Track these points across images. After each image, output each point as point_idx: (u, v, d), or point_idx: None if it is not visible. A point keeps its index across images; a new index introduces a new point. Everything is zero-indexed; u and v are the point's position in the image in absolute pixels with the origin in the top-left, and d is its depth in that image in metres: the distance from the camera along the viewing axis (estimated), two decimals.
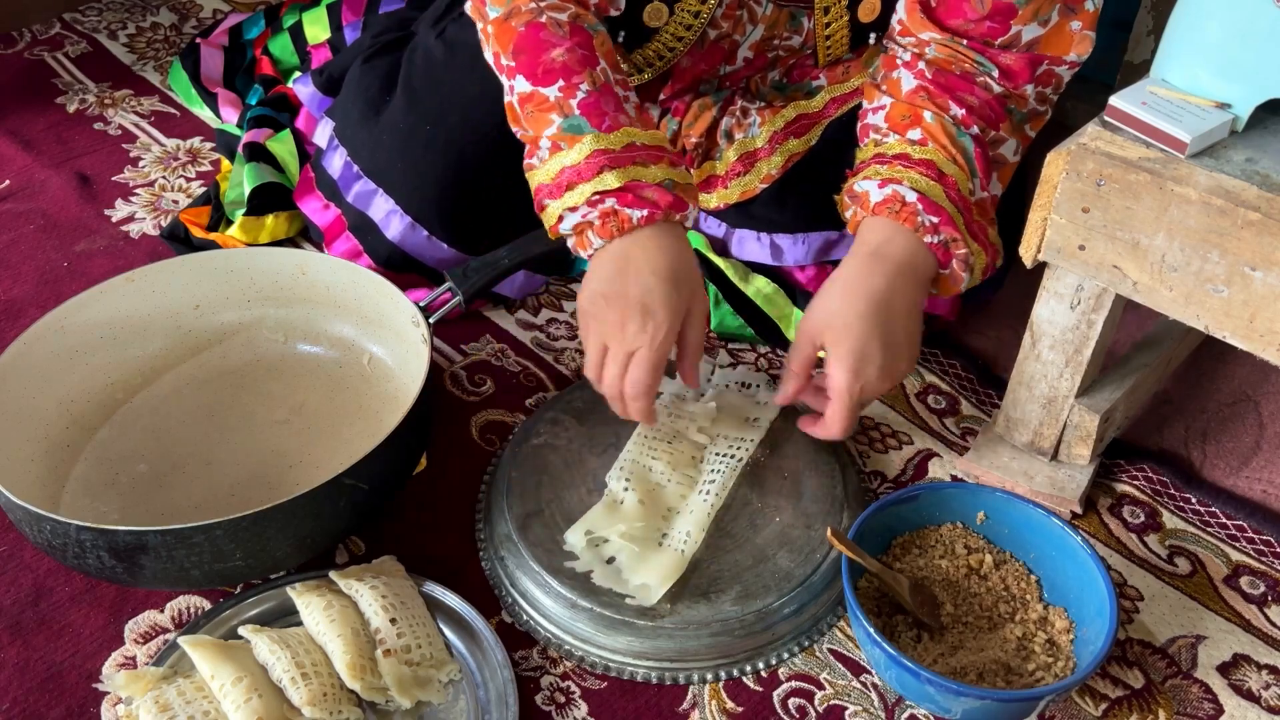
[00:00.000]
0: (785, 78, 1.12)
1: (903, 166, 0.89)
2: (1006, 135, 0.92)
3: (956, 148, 0.89)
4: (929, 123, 0.90)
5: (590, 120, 0.86)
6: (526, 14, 0.90)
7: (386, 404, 1.01)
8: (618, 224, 0.84)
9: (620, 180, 0.85)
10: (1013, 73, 0.91)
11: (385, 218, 1.12)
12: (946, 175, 0.88)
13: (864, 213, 0.89)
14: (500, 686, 0.80)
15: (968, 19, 0.91)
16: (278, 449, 0.97)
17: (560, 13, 0.91)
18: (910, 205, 0.86)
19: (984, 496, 0.87)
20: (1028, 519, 0.86)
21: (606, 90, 0.88)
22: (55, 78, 1.53)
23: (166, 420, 1.00)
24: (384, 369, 1.04)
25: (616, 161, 0.85)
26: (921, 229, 0.86)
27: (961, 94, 0.91)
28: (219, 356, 1.05)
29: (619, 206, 0.85)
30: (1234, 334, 0.77)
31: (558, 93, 0.88)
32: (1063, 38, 0.91)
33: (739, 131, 1.10)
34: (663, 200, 0.85)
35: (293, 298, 1.05)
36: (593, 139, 0.86)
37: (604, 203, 0.85)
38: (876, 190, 0.89)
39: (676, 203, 0.86)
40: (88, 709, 0.81)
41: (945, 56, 0.92)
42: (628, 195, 0.85)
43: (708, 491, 0.90)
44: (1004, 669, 0.79)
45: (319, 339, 1.06)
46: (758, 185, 1.08)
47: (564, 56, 0.88)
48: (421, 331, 0.95)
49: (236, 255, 1.06)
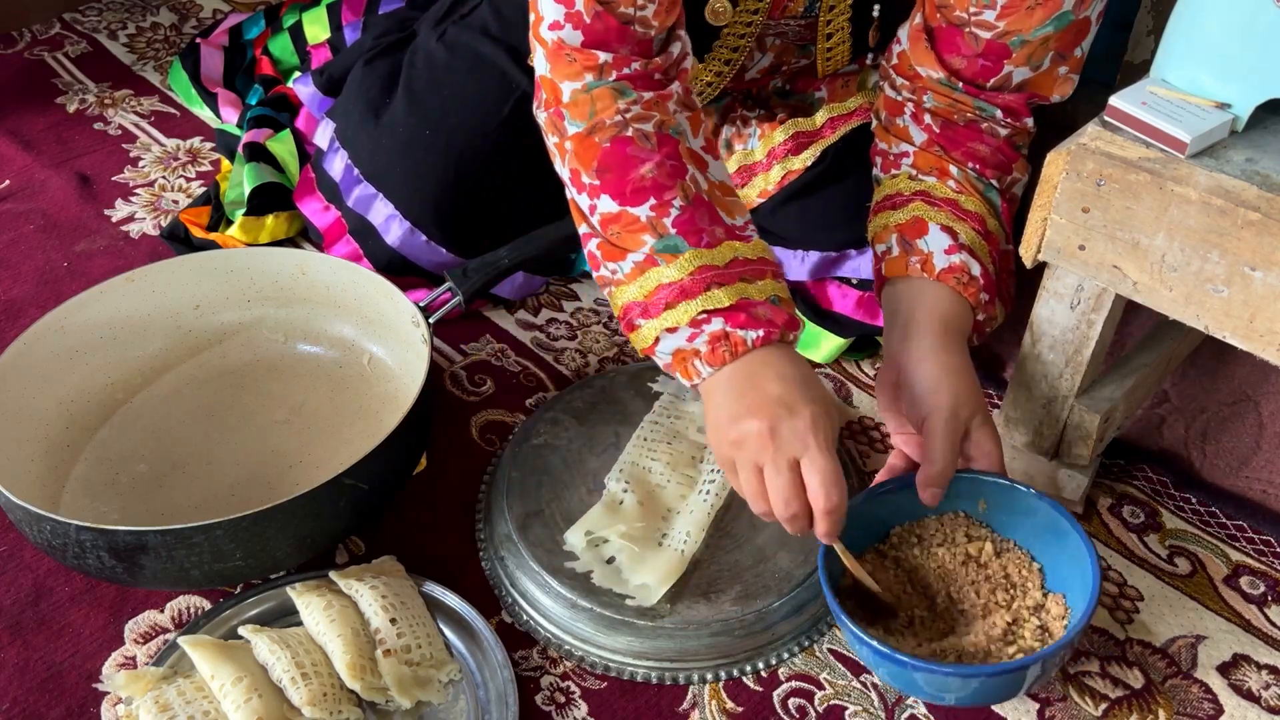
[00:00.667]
0: (789, 84, 1.13)
1: (952, 214, 0.88)
2: (1020, 175, 0.93)
3: (988, 203, 0.89)
4: (957, 176, 0.90)
5: (688, 239, 0.78)
6: (611, 128, 0.82)
7: (386, 404, 1.01)
8: (730, 348, 0.76)
9: (730, 298, 0.77)
10: (1014, 110, 0.91)
11: (385, 222, 1.12)
12: (991, 233, 0.88)
13: (924, 273, 0.86)
14: (500, 686, 0.80)
15: (962, 54, 0.90)
16: (278, 449, 0.97)
17: (645, 123, 0.82)
18: (976, 281, 0.85)
19: (984, 484, 0.86)
20: (1028, 506, 0.84)
21: (699, 203, 0.80)
22: (55, 78, 1.53)
23: (166, 420, 1.00)
24: (384, 369, 1.04)
25: (723, 279, 0.77)
26: (979, 306, 0.86)
27: (972, 145, 0.90)
28: (219, 356, 1.05)
29: (730, 328, 0.76)
30: (1234, 334, 0.77)
31: (649, 212, 0.79)
32: (1050, 79, 0.90)
33: (739, 142, 1.11)
34: (778, 318, 0.77)
35: (293, 298, 1.05)
36: (693, 255, 0.78)
37: (710, 323, 0.76)
38: (943, 256, 0.86)
39: (790, 321, 0.78)
40: (88, 709, 0.81)
41: (945, 106, 0.91)
42: (739, 315, 0.76)
43: (707, 491, 0.90)
44: (984, 654, 0.78)
45: (319, 339, 1.06)
46: (754, 199, 1.08)
47: (653, 172, 0.80)
48: (421, 332, 0.95)
49: (236, 255, 1.06)
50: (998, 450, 0.82)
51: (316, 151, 1.22)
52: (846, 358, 1.11)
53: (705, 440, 0.95)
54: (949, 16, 0.89)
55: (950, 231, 0.87)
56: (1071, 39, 0.87)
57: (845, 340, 1.08)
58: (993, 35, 0.87)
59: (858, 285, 1.07)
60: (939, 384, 0.81)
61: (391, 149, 1.11)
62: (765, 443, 0.73)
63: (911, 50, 0.93)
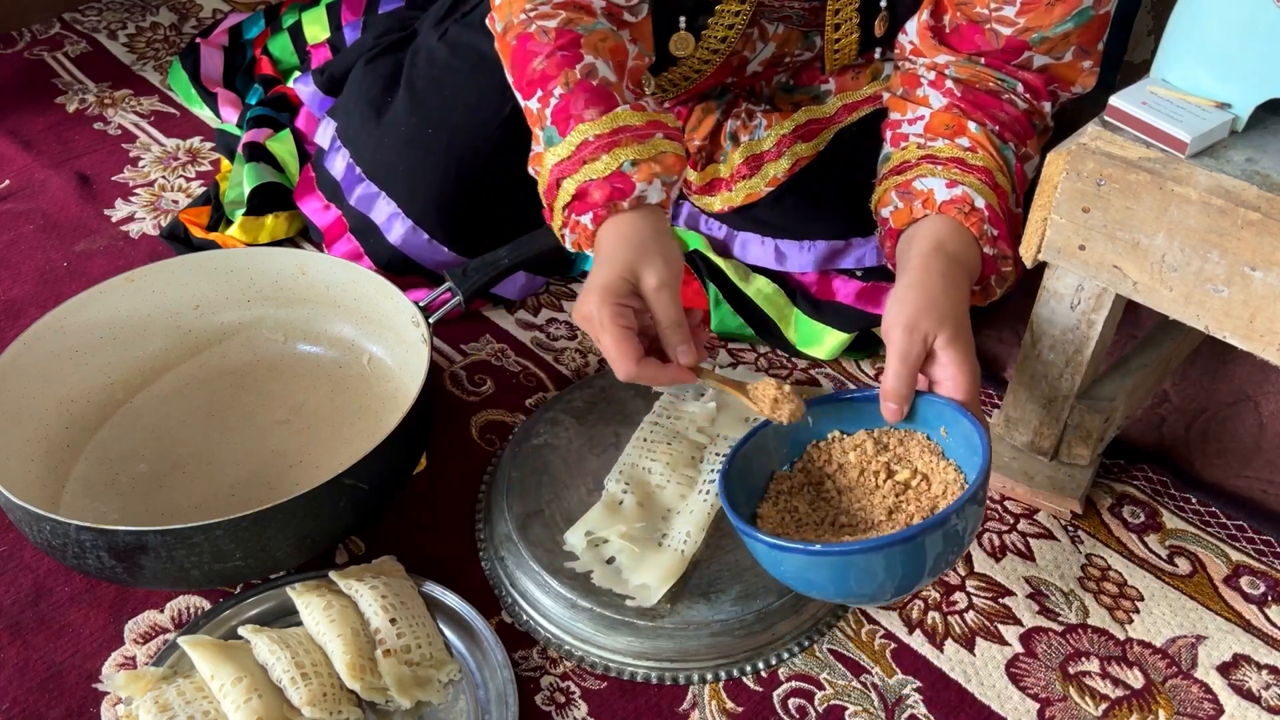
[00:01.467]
0: (792, 79, 1.12)
1: (960, 170, 0.87)
2: (1033, 152, 0.93)
3: (1002, 159, 0.89)
4: (974, 133, 0.89)
5: (559, 129, 0.85)
6: (519, 26, 0.88)
7: (386, 404, 1.01)
8: (584, 237, 0.85)
9: (574, 186, 0.84)
10: (1034, 88, 0.91)
11: (387, 220, 1.12)
12: (1000, 186, 0.87)
13: (925, 209, 0.86)
14: (500, 686, 0.80)
15: (981, 50, 0.91)
16: (278, 449, 0.97)
17: (549, 20, 0.87)
18: (979, 211, 0.85)
19: (944, 410, 0.79)
20: (930, 404, 0.80)
21: (582, 89, 0.85)
22: (55, 78, 1.53)
23: (166, 420, 1.00)
24: (384, 369, 1.04)
25: (597, 149, 0.83)
26: (984, 237, 0.85)
27: (994, 110, 0.90)
28: (219, 356, 1.05)
29: (577, 217, 0.85)
30: (1234, 334, 0.77)
31: (537, 104, 0.86)
32: (1074, 70, 0.91)
33: (744, 134, 1.10)
34: (626, 187, 0.83)
35: (293, 298, 1.05)
36: (563, 144, 0.84)
37: (578, 214, 0.85)
38: (944, 189, 0.86)
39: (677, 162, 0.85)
40: (88, 709, 0.81)
41: (969, 76, 0.92)
42: (606, 186, 0.84)
43: (707, 492, 0.90)
44: (870, 525, 0.76)
45: (319, 339, 1.06)
46: (763, 189, 1.08)
47: (543, 64, 0.86)
48: (421, 331, 0.95)
49: (236, 255, 1.06)
50: (964, 374, 0.76)
51: (317, 150, 1.22)
52: (846, 357, 1.11)
53: (704, 439, 0.95)
54: (969, 13, 0.89)
55: (960, 182, 0.86)
56: (1094, 34, 0.88)
57: (848, 335, 1.07)
58: (1013, 31, 0.87)
59: (861, 276, 1.07)
60: (903, 298, 0.79)
61: (393, 147, 1.11)
62: (589, 324, 0.80)
63: (921, 43, 0.94)
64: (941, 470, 0.78)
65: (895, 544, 0.70)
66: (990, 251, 0.86)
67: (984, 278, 0.87)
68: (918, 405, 0.80)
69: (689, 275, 1.11)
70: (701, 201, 1.11)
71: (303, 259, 1.05)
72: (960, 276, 0.82)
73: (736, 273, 1.10)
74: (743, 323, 1.10)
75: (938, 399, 0.78)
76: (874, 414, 0.81)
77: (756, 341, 1.13)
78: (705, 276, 1.10)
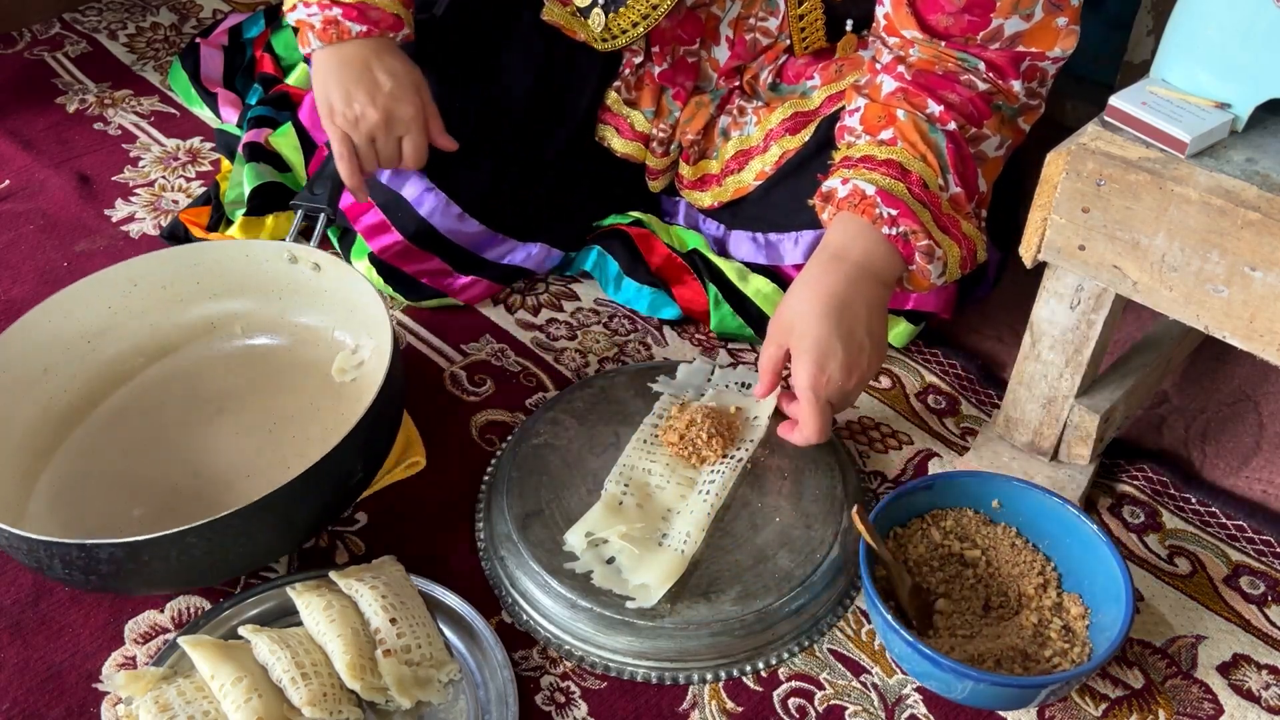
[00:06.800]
0: (778, 77, 1.12)
1: (867, 169, 0.90)
2: (990, 132, 0.93)
3: (927, 144, 0.90)
4: (901, 121, 0.90)
5: None
6: None
7: (363, 389, 0.99)
8: (338, 33, 0.97)
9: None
10: (999, 67, 0.91)
11: (420, 195, 1.10)
12: (910, 173, 0.89)
13: (832, 209, 0.91)
14: (500, 686, 0.80)
15: (945, 12, 0.90)
16: (250, 447, 0.97)
17: None
18: (869, 199, 0.88)
19: (998, 484, 0.87)
20: (1041, 506, 0.86)
21: None
22: (55, 78, 1.53)
23: (133, 425, 0.99)
24: (356, 355, 1.02)
25: None
26: (880, 220, 0.87)
27: (942, 92, 0.91)
28: (188, 356, 1.04)
29: (342, 19, 0.97)
30: (1234, 334, 0.77)
31: None
32: (1048, 33, 0.91)
33: (735, 130, 1.10)
34: (384, 21, 0.99)
35: (249, 288, 1.04)
36: None
37: (330, 9, 0.97)
38: (842, 187, 0.90)
39: (395, 23, 0.99)
40: (88, 709, 0.81)
41: (929, 57, 0.92)
42: (353, 11, 0.97)
43: (707, 492, 0.90)
44: (1021, 655, 0.80)
45: (287, 330, 1.05)
46: (751, 182, 1.08)
47: None
48: (314, 260, 0.98)
49: (192, 251, 1.04)
50: (805, 378, 0.86)
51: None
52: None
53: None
54: None
55: (856, 178, 0.89)
56: None
57: None
58: None
59: None
60: (780, 305, 0.90)
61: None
62: (380, 126, 0.99)
63: (894, 13, 0.93)
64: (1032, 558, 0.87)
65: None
66: (893, 231, 0.87)
67: (908, 260, 0.89)
68: (971, 483, 0.88)
69: (689, 275, 1.11)
70: (692, 196, 1.12)
71: (259, 249, 1.03)
72: (840, 272, 0.87)
73: (735, 273, 1.10)
74: (742, 323, 1.11)
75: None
76: (945, 498, 0.89)
77: (756, 341, 1.13)
78: (705, 276, 1.10)
